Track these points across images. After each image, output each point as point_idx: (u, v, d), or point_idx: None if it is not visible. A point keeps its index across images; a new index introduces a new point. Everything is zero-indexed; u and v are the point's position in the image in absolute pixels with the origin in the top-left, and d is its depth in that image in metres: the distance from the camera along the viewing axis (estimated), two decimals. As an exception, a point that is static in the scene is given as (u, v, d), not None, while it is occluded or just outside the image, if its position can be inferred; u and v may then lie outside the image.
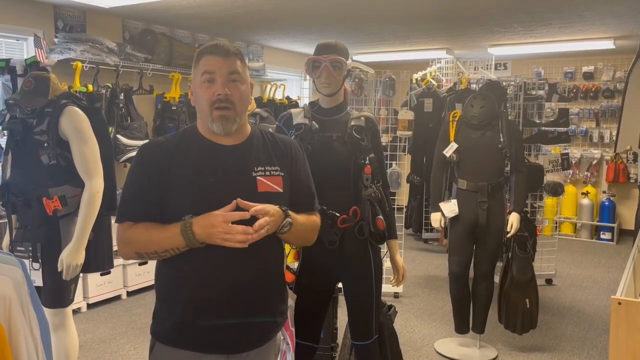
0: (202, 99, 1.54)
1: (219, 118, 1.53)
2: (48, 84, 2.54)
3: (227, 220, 1.43)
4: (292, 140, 1.78)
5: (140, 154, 1.59)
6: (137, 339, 3.79)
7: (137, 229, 1.52)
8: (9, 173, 2.60)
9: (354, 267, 2.29)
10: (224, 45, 1.56)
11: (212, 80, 1.53)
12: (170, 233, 1.47)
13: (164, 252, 1.50)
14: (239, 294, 1.54)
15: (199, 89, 1.55)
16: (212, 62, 1.53)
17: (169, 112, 5.10)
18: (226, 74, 1.53)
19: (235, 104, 1.54)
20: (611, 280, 5.34)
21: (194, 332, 1.53)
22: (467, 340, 3.73)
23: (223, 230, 1.42)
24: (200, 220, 1.45)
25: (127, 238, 1.53)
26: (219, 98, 1.52)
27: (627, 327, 1.55)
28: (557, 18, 4.85)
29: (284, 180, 1.62)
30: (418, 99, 5.65)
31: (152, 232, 1.50)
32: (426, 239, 6.69)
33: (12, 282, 1.36)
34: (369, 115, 2.32)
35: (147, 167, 1.56)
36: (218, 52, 1.54)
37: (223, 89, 1.52)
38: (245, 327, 1.56)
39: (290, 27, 5.56)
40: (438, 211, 3.42)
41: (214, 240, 1.44)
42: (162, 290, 1.60)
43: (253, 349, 1.59)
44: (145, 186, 1.55)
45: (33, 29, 4.38)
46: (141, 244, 1.51)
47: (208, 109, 1.53)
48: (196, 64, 1.57)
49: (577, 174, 7.44)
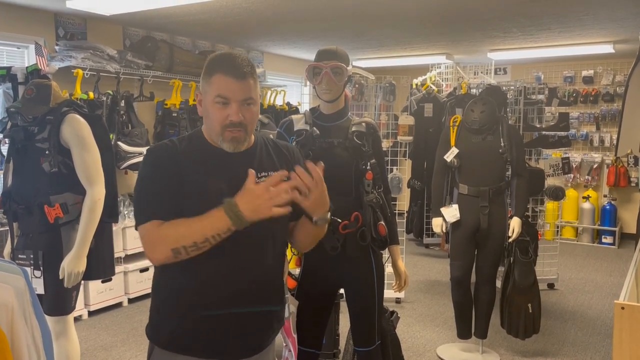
0: (214, 119, 1.52)
1: (231, 140, 1.52)
2: (49, 91, 2.54)
3: (267, 187, 1.39)
4: (293, 146, 1.78)
5: (152, 156, 1.55)
6: (139, 346, 3.78)
7: (171, 224, 1.45)
8: (10, 181, 2.61)
9: (356, 273, 2.29)
10: (239, 65, 1.50)
11: (226, 104, 1.50)
12: (213, 218, 1.40)
13: (203, 243, 1.41)
14: (240, 301, 1.53)
15: (211, 108, 1.52)
16: (227, 85, 1.49)
17: (170, 119, 5.11)
18: (241, 100, 1.50)
19: (247, 125, 1.53)
20: (613, 284, 5.33)
21: (195, 338, 1.53)
22: (469, 345, 3.72)
23: (269, 196, 1.38)
24: (241, 198, 1.40)
25: (160, 236, 1.45)
26: (232, 122, 1.50)
27: (631, 332, 1.54)
28: (557, 23, 4.87)
29: None
30: (418, 104, 5.66)
31: (191, 222, 1.42)
32: (427, 244, 6.68)
33: (14, 290, 1.35)
34: (370, 121, 2.32)
35: (163, 168, 1.52)
36: (233, 74, 1.48)
37: (237, 116, 1.49)
38: (246, 334, 1.56)
39: (291, 34, 5.58)
40: (439, 216, 3.42)
41: (262, 213, 1.39)
42: (162, 297, 1.59)
43: (253, 355, 1.59)
44: (165, 186, 1.50)
45: (34, 37, 4.40)
46: (178, 237, 1.42)
47: (219, 130, 1.52)
48: (208, 79, 1.53)
49: (578, 178, 7.44)
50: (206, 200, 1.47)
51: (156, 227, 1.46)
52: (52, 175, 2.46)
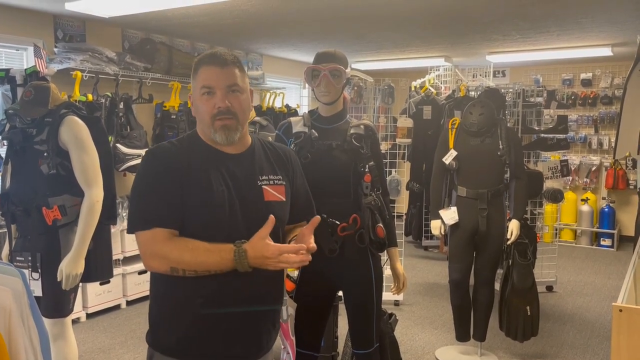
0: (203, 112, 1.53)
1: (221, 128, 1.52)
2: (48, 93, 2.54)
3: (281, 251, 1.41)
4: (289, 148, 1.79)
5: (151, 157, 1.54)
6: (137, 349, 3.78)
7: (176, 245, 1.44)
8: (8, 182, 2.61)
9: (354, 275, 2.29)
10: (222, 54, 1.54)
11: (211, 93, 1.52)
12: (220, 258, 1.43)
13: (203, 272, 1.45)
14: (241, 300, 1.53)
15: (199, 101, 1.54)
16: (211, 74, 1.52)
17: (169, 121, 5.11)
18: (225, 87, 1.52)
19: (237, 113, 1.54)
20: (612, 287, 5.33)
21: (198, 344, 1.52)
22: (468, 348, 3.72)
23: (278, 260, 1.41)
24: (252, 250, 1.42)
25: (163, 252, 1.44)
26: (220, 110, 1.51)
27: (629, 334, 1.55)
28: (555, 26, 4.87)
29: (286, 189, 1.64)
30: (417, 107, 5.66)
31: (199, 254, 1.43)
32: (426, 247, 6.68)
33: (12, 293, 1.35)
34: (368, 124, 2.32)
35: (165, 170, 1.50)
36: (216, 63, 1.52)
37: (223, 102, 1.51)
38: (248, 338, 1.56)
39: (289, 36, 5.58)
40: (438, 218, 3.42)
41: (266, 267, 1.44)
42: (161, 301, 1.58)
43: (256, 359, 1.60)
44: (168, 189, 1.48)
45: (33, 39, 4.40)
46: (181, 262, 1.43)
47: (210, 121, 1.52)
48: (195, 75, 1.56)
49: (577, 180, 7.45)
50: (205, 201, 1.48)
51: (159, 241, 1.45)
52: (50, 177, 2.46)
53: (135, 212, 1.51)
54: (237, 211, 1.51)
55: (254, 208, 1.53)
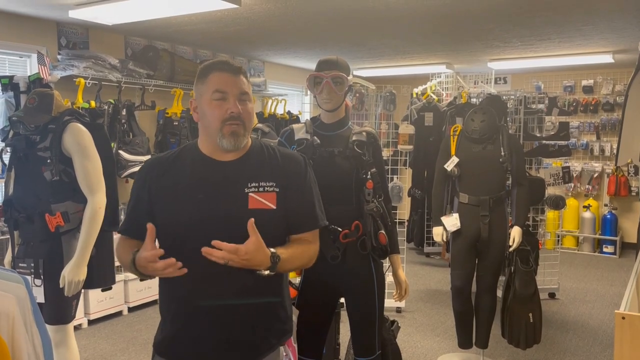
0: (213, 116, 1.54)
1: (231, 134, 1.53)
2: (51, 100, 2.55)
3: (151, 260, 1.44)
4: (297, 155, 1.71)
5: (139, 170, 1.68)
6: (138, 355, 3.77)
7: (119, 247, 1.64)
8: (11, 189, 2.61)
9: (357, 282, 2.29)
10: (232, 63, 1.58)
11: (224, 98, 1.53)
12: (127, 262, 1.54)
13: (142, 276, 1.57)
14: (225, 308, 1.52)
15: (208, 106, 1.54)
16: (224, 80, 1.54)
17: (171, 128, 5.13)
18: (238, 93, 1.55)
19: (245, 121, 1.56)
20: (614, 294, 5.31)
21: (183, 344, 1.55)
22: (470, 355, 3.71)
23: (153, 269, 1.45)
24: (138, 259, 1.49)
25: (117, 253, 1.66)
26: (232, 115, 1.52)
27: (632, 342, 1.54)
28: (556, 33, 4.89)
29: (278, 196, 1.57)
30: (418, 113, 5.68)
31: (122, 256, 1.61)
32: (428, 253, 6.67)
33: (16, 299, 1.35)
34: (370, 130, 2.33)
35: (142, 183, 1.62)
36: (228, 70, 1.55)
37: (236, 107, 1.53)
38: (233, 344, 1.55)
39: (291, 43, 5.60)
40: (440, 225, 3.41)
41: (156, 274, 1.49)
42: (160, 303, 1.66)
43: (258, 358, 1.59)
44: (138, 202, 1.62)
45: (36, 46, 4.43)
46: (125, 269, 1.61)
47: (219, 125, 1.53)
48: (203, 80, 1.56)
49: (579, 187, 7.44)
50: (179, 210, 1.55)
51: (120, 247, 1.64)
52: (53, 184, 2.47)
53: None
54: (215, 221, 1.52)
55: (235, 216, 1.51)
